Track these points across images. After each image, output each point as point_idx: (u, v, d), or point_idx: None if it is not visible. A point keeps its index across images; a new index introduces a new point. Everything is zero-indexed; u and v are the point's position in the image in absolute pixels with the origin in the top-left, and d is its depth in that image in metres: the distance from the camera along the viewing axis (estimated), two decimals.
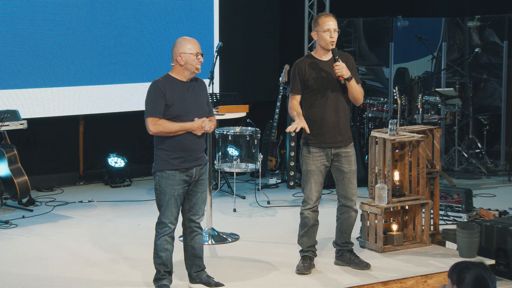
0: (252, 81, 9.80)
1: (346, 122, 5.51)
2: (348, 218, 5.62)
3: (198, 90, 5.09)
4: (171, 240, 5.05)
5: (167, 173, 4.97)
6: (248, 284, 5.35)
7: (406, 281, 5.44)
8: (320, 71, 5.44)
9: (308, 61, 5.50)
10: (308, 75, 5.43)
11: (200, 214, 5.14)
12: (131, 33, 8.59)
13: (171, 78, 5.03)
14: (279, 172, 9.17)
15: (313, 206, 5.50)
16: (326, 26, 5.39)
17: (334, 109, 5.43)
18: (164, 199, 4.98)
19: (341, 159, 5.48)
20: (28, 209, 7.47)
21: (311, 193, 5.47)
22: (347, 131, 5.52)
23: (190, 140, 4.97)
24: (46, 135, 8.56)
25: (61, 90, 8.29)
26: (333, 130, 5.42)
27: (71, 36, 8.24)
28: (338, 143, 5.45)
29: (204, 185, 5.13)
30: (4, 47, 7.90)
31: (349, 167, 5.50)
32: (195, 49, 5.01)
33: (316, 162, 5.45)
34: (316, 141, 5.43)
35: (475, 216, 6.99)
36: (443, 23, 10.35)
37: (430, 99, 9.20)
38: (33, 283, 5.38)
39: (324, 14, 5.49)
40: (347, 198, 5.56)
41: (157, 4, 8.71)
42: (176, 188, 4.96)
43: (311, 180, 5.46)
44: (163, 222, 5.01)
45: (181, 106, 4.95)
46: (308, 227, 5.55)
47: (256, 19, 9.83)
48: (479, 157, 9.58)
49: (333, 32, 5.39)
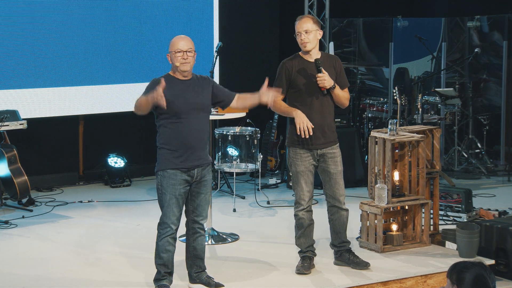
0: (252, 81, 9.77)
1: (331, 123, 5.50)
2: (339, 217, 5.62)
3: (200, 88, 5.06)
4: (173, 241, 5.04)
5: (168, 173, 4.96)
6: (248, 284, 5.35)
7: (406, 281, 5.44)
8: (306, 71, 5.43)
9: (295, 61, 5.48)
10: (295, 76, 5.43)
11: (204, 215, 5.14)
12: (131, 33, 8.59)
13: (170, 77, 5.04)
14: (279, 172, 9.17)
15: (306, 206, 5.50)
16: (296, 30, 5.41)
17: (319, 110, 5.42)
18: (165, 199, 4.98)
19: (327, 160, 5.48)
20: (28, 209, 7.47)
21: (303, 193, 5.47)
22: (332, 132, 5.51)
23: (192, 137, 4.97)
24: (46, 135, 8.56)
25: (61, 90, 8.29)
26: (318, 132, 5.41)
27: (71, 36, 8.24)
28: (323, 144, 5.45)
29: (207, 186, 5.11)
30: (4, 47, 7.90)
31: (335, 168, 5.49)
32: (174, 46, 4.98)
33: (305, 163, 5.45)
34: (301, 143, 5.43)
35: (475, 216, 6.99)
36: (443, 23, 10.35)
37: (430, 99, 9.19)
38: (33, 283, 5.38)
39: (299, 17, 5.46)
40: (335, 198, 5.56)
41: (157, 4, 8.71)
42: (177, 187, 4.96)
43: (301, 181, 5.46)
44: (165, 222, 5.00)
45: (180, 104, 4.93)
46: (304, 228, 5.55)
47: (256, 19, 9.83)
48: (479, 157, 9.58)
49: (303, 35, 5.37)
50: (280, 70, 5.50)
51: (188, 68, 4.99)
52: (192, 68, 5.04)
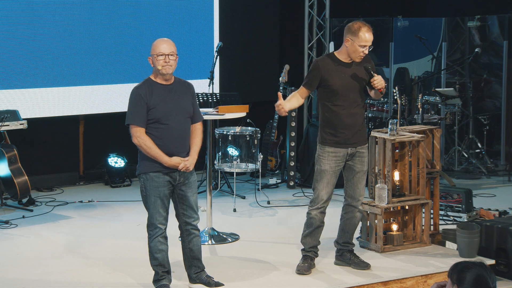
0: (252, 81, 9.80)
1: (362, 123, 5.52)
2: (352, 218, 5.62)
3: (182, 93, 5.02)
4: (165, 240, 5.03)
5: (150, 175, 4.95)
6: (248, 284, 5.35)
7: (406, 281, 5.44)
8: (340, 72, 5.42)
9: (329, 61, 5.46)
10: (327, 75, 5.41)
11: (195, 216, 5.11)
12: (131, 33, 8.59)
13: (151, 81, 4.99)
14: (279, 172, 9.17)
15: (322, 206, 5.48)
16: (361, 42, 5.32)
17: (351, 110, 5.42)
18: (150, 201, 4.96)
19: (355, 158, 5.49)
20: (28, 209, 7.47)
21: (322, 193, 5.45)
22: (363, 131, 5.54)
23: (173, 143, 4.93)
24: (46, 135, 8.56)
25: (61, 90, 8.29)
26: (350, 131, 5.42)
27: (71, 36, 8.24)
28: (354, 144, 5.45)
29: (192, 187, 5.07)
30: (4, 47, 7.90)
31: (361, 167, 5.51)
32: (156, 49, 4.93)
33: (331, 163, 5.44)
34: (332, 141, 5.43)
35: (475, 216, 6.99)
36: (443, 23, 10.35)
37: (430, 99, 9.19)
38: (33, 283, 5.38)
39: (364, 27, 5.34)
40: (354, 198, 5.56)
41: (157, 4, 8.71)
42: (161, 189, 4.94)
43: (323, 180, 5.44)
44: (152, 224, 4.99)
45: (162, 109, 4.90)
46: (313, 228, 5.54)
47: (256, 19, 9.82)
48: (479, 157, 9.58)
49: (367, 49, 5.35)
50: (313, 66, 5.49)
51: (170, 71, 4.94)
52: (173, 71, 4.98)
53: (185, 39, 8.79)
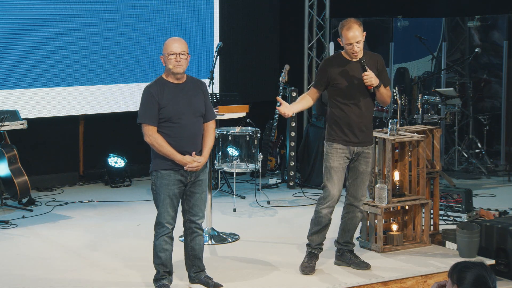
0: (252, 81, 9.80)
1: (369, 123, 5.52)
2: (353, 218, 5.62)
3: (194, 91, 5.02)
4: (170, 241, 5.04)
5: (161, 173, 4.96)
6: (248, 284, 5.35)
7: (406, 281, 5.44)
8: (348, 71, 5.42)
9: (337, 60, 5.48)
10: (335, 74, 5.42)
11: (200, 215, 5.13)
12: (131, 33, 8.59)
13: (163, 80, 5.00)
14: (279, 172, 9.17)
15: (333, 205, 5.47)
16: (347, 40, 5.32)
17: (359, 109, 5.42)
18: (159, 199, 4.97)
19: (360, 158, 5.49)
20: (28, 209, 7.47)
21: (334, 190, 5.42)
22: (370, 132, 5.54)
23: (185, 142, 4.95)
24: (46, 135, 8.56)
25: (61, 90, 8.29)
26: (357, 130, 5.42)
27: (71, 36, 8.24)
28: (360, 143, 5.45)
29: (202, 186, 5.10)
30: (4, 47, 7.90)
31: (365, 168, 5.51)
32: (168, 48, 4.95)
33: (340, 159, 5.44)
34: (339, 138, 5.44)
35: (475, 216, 6.99)
36: (443, 23, 10.35)
37: (430, 99, 9.19)
38: (33, 283, 5.38)
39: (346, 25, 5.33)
40: (356, 198, 5.56)
41: (157, 4, 8.71)
42: (171, 188, 4.95)
43: (334, 177, 5.43)
44: (160, 222, 5.00)
45: (173, 108, 4.91)
46: (322, 227, 5.52)
47: (256, 19, 9.82)
48: (479, 157, 9.58)
49: (355, 46, 5.34)
50: (322, 66, 5.51)
51: (181, 70, 4.95)
52: (185, 70, 4.99)
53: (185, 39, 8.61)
